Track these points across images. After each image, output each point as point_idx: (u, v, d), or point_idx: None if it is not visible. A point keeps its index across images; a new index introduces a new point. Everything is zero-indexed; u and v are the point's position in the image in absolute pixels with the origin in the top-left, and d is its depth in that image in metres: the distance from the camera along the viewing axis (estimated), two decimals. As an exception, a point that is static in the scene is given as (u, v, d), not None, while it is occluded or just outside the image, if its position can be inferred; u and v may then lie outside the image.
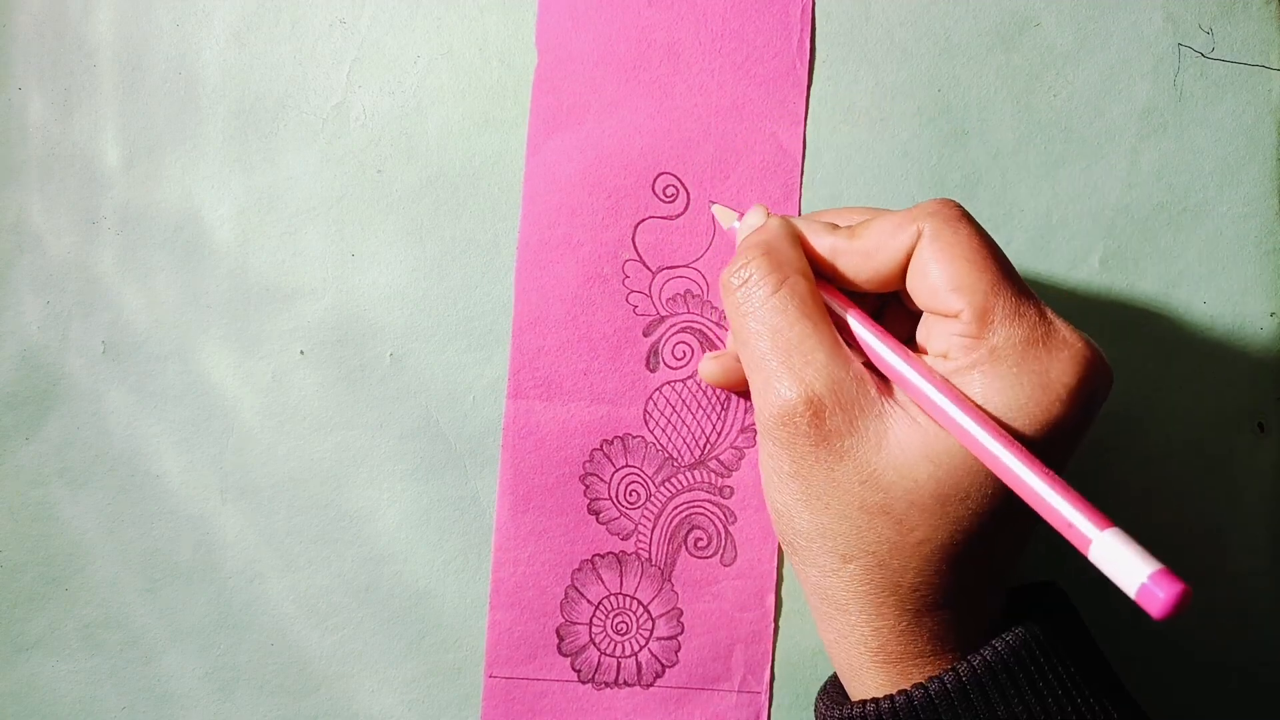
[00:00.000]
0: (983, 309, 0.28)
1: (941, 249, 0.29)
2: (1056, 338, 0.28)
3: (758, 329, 0.31)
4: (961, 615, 0.30)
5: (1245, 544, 0.39)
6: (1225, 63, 0.39)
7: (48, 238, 0.39)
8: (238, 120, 0.39)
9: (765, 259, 0.31)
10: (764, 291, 0.31)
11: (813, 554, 0.30)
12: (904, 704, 0.29)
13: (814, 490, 0.29)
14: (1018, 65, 0.39)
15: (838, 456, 0.29)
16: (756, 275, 0.31)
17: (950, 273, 0.28)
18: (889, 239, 0.30)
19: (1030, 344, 0.28)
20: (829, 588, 0.30)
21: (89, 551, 0.39)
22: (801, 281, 0.31)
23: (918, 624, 0.29)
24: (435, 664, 0.39)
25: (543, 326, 0.39)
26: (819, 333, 0.30)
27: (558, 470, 0.39)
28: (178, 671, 0.39)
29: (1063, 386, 0.27)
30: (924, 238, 0.29)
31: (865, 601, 0.29)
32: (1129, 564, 0.24)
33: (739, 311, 0.31)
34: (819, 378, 0.29)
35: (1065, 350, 0.28)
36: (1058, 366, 0.28)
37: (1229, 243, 0.39)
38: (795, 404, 0.29)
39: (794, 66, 0.39)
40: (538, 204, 0.39)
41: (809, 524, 0.30)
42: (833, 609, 0.30)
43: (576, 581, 0.39)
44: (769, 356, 0.30)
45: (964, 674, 0.28)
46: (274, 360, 0.39)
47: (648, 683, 0.39)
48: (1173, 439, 0.39)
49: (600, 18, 0.39)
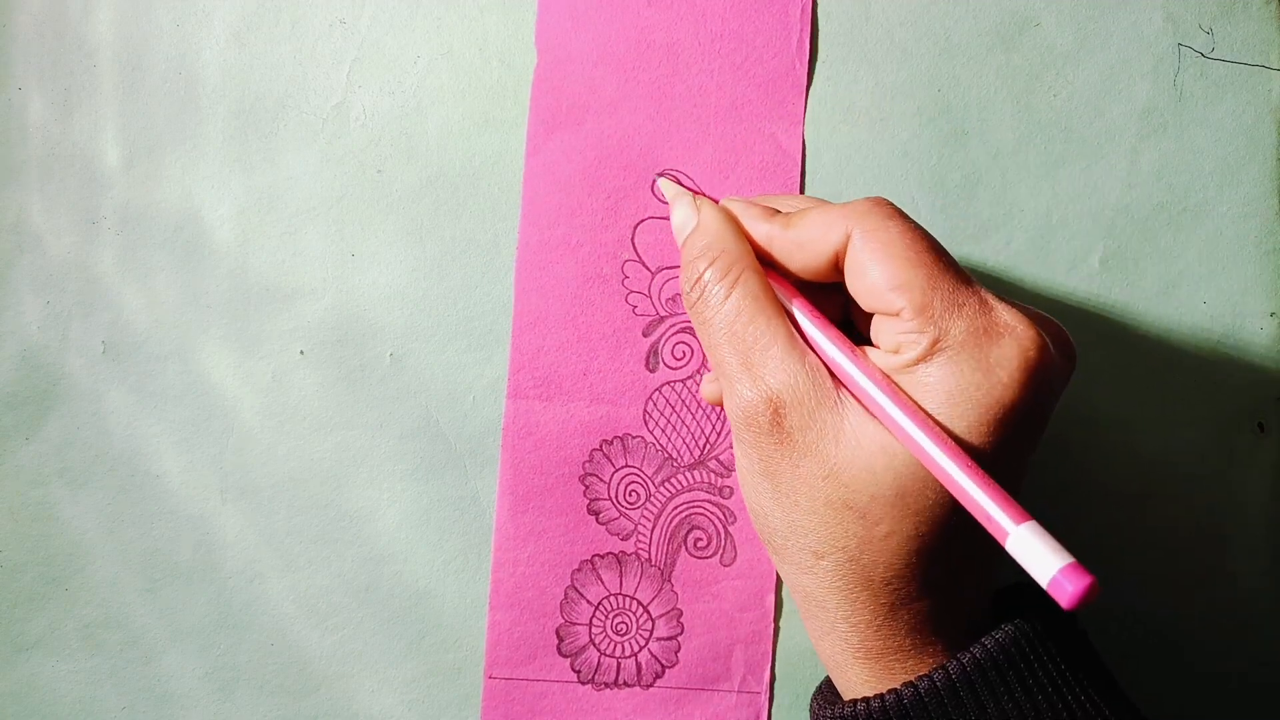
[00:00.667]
0: (921, 305, 0.28)
1: (874, 249, 0.29)
2: (998, 324, 0.28)
3: (717, 336, 0.31)
4: (940, 608, 0.30)
5: (1245, 544, 0.39)
6: (1225, 63, 0.39)
7: (48, 238, 0.39)
8: (238, 120, 0.39)
9: (715, 264, 0.32)
10: (719, 297, 0.31)
11: (789, 552, 0.30)
12: (894, 703, 0.29)
13: (783, 488, 0.30)
14: (1018, 65, 0.39)
15: (800, 453, 0.29)
16: (709, 281, 0.32)
17: (886, 272, 0.29)
18: (821, 233, 0.31)
19: (972, 333, 0.28)
20: (806, 585, 0.30)
21: (89, 551, 0.39)
22: (752, 277, 0.32)
23: (894, 618, 0.29)
24: (435, 664, 0.39)
25: (543, 326, 0.39)
26: (772, 329, 0.30)
27: (557, 470, 0.39)
28: (178, 671, 0.39)
29: (1006, 372, 0.27)
30: (854, 239, 0.30)
31: (841, 597, 0.30)
32: (1042, 557, 0.25)
33: (700, 319, 0.32)
34: (774, 375, 0.29)
35: (1007, 336, 0.28)
36: (1000, 353, 0.28)
37: (1229, 243, 0.39)
38: (755, 403, 0.30)
39: (793, 67, 0.39)
40: (538, 204, 0.39)
41: (781, 521, 0.30)
42: (813, 605, 0.31)
43: (576, 582, 0.39)
44: (729, 359, 0.31)
45: (954, 672, 0.28)
46: (274, 360, 0.39)
47: (647, 683, 0.39)
48: (1172, 439, 0.39)
49: (600, 18, 0.39)
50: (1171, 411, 0.39)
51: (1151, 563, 0.39)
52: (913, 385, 0.28)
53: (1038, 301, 0.39)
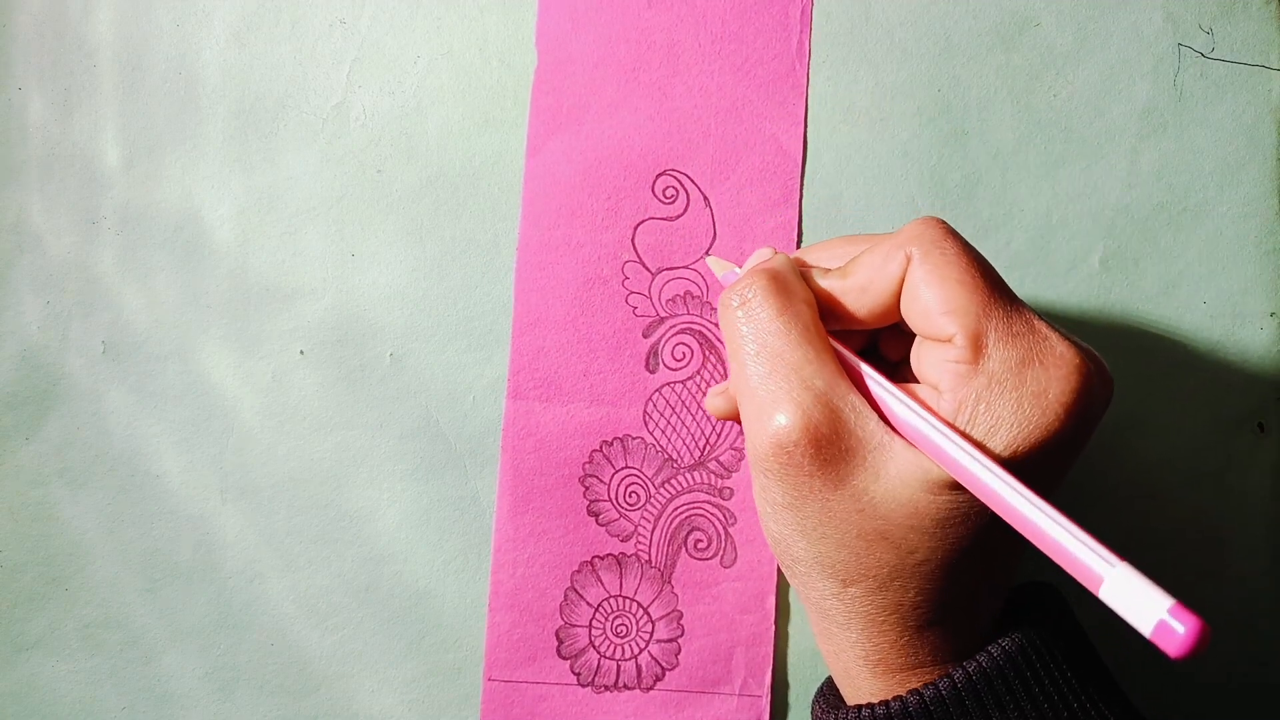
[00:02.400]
0: (976, 333, 0.28)
1: (930, 271, 0.28)
2: (1052, 354, 0.28)
3: (756, 351, 0.30)
4: (960, 625, 0.30)
5: (1245, 544, 0.39)
6: (1225, 63, 0.39)
7: (48, 238, 0.39)
8: (238, 120, 0.39)
9: (770, 282, 0.30)
10: (767, 314, 0.30)
11: (812, 579, 0.30)
12: (899, 710, 0.29)
13: (810, 521, 0.29)
14: (1018, 65, 0.39)
15: (833, 486, 0.28)
16: (759, 296, 0.30)
17: (941, 296, 0.28)
18: (880, 271, 0.30)
19: (1025, 364, 0.27)
20: (829, 609, 0.30)
21: (89, 551, 0.39)
22: (805, 309, 0.30)
23: (919, 638, 0.29)
24: (435, 664, 0.39)
25: (543, 327, 0.39)
26: (821, 359, 0.29)
27: (557, 471, 0.39)
28: (178, 671, 0.39)
29: (1060, 405, 0.27)
30: (914, 261, 0.29)
31: (866, 621, 0.29)
32: (1143, 601, 0.23)
33: (737, 332, 0.30)
34: (818, 406, 0.28)
35: (1062, 367, 0.27)
36: (1055, 386, 0.27)
37: (1229, 243, 0.39)
38: (791, 433, 0.28)
39: (793, 67, 0.39)
40: (538, 204, 0.39)
41: (806, 552, 0.29)
42: (833, 626, 0.30)
43: (576, 583, 0.39)
44: (766, 381, 0.29)
45: (959, 680, 0.28)
46: (274, 360, 0.39)
47: (648, 686, 0.39)
48: (1173, 439, 0.39)
49: (600, 18, 0.39)
50: (1171, 411, 0.39)
51: (1152, 562, 0.39)
52: (964, 414, 0.28)
53: (1038, 302, 0.39)
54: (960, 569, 0.28)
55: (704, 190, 0.39)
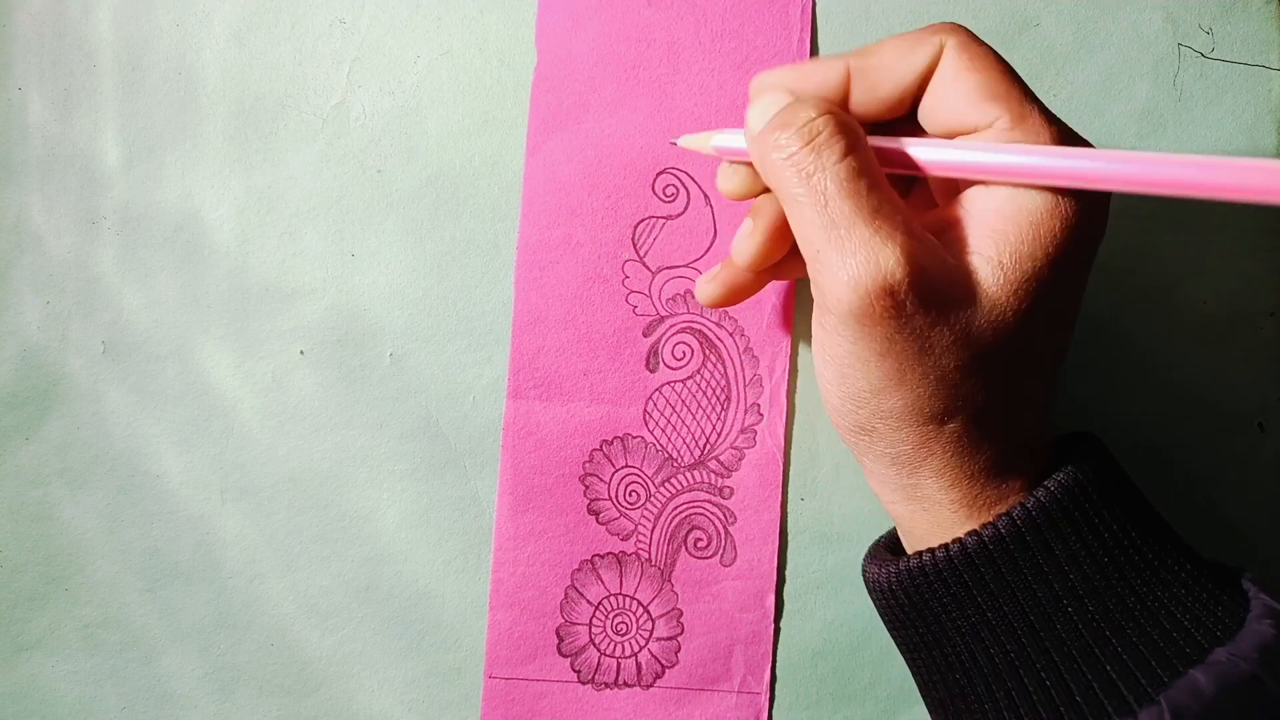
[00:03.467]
0: (1020, 114, 0.28)
1: (971, 59, 0.28)
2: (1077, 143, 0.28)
3: (835, 191, 0.27)
4: (1033, 448, 0.30)
5: (1247, 545, 0.39)
6: (1225, 63, 0.39)
7: (48, 238, 0.39)
8: (238, 120, 0.39)
9: (833, 116, 0.29)
10: (838, 150, 0.28)
11: (902, 430, 0.29)
12: (958, 551, 0.29)
13: (908, 364, 0.28)
14: (1018, 65, 0.39)
15: (935, 319, 0.27)
16: (828, 134, 0.28)
17: (984, 80, 0.28)
18: (906, 55, 0.29)
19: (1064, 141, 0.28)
20: (916, 456, 0.30)
21: (89, 551, 0.39)
22: (867, 147, 0.29)
23: (1007, 465, 0.29)
24: (435, 664, 0.39)
25: (543, 326, 0.39)
26: (894, 203, 0.28)
27: (557, 470, 0.39)
28: (178, 671, 0.39)
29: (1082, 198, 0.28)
30: (949, 50, 0.29)
31: (961, 456, 0.29)
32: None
33: (806, 174, 0.28)
34: (905, 250, 0.27)
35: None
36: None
37: (1229, 243, 0.39)
38: (895, 273, 0.27)
39: (794, 66, 0.39)
40: (538, 204, 0.39)
41: (901, 401, 0.29)
42: (918, 477, 0.30)
43: (576, 582, 0.39)
44: (855, 224, 0.27)
45: (1019, 517, 0.28)
46: (274, 360, 0.39)
47: (647, 683, 0.39)
48: (1173, 439, 0.39)
49: (600, 17, 0.39)
50: (1172, 411, 0.39)
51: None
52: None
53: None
54: (1027, 386, 0.29)
55: (705, 189, 0.39)
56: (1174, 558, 0.29)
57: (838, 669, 0.39)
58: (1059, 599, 0.28)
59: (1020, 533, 0.28)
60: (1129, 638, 0.28)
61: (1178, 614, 0.28)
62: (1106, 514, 0.29)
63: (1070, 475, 0.29)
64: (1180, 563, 0.29)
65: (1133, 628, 0.28)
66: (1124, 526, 0.29)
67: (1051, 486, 0.29)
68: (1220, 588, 0.29)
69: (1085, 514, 0.29)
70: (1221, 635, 0.27)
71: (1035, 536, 0.28)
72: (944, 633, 0.30)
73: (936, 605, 0.30)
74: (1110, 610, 0.28)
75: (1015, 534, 0.28)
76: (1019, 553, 0.28)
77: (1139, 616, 0.28)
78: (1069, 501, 0.29)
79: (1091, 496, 0.29)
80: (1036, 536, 0.28)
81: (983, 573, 0.29)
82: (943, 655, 0.30)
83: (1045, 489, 0.29)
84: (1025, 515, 0.28)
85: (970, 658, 0.30)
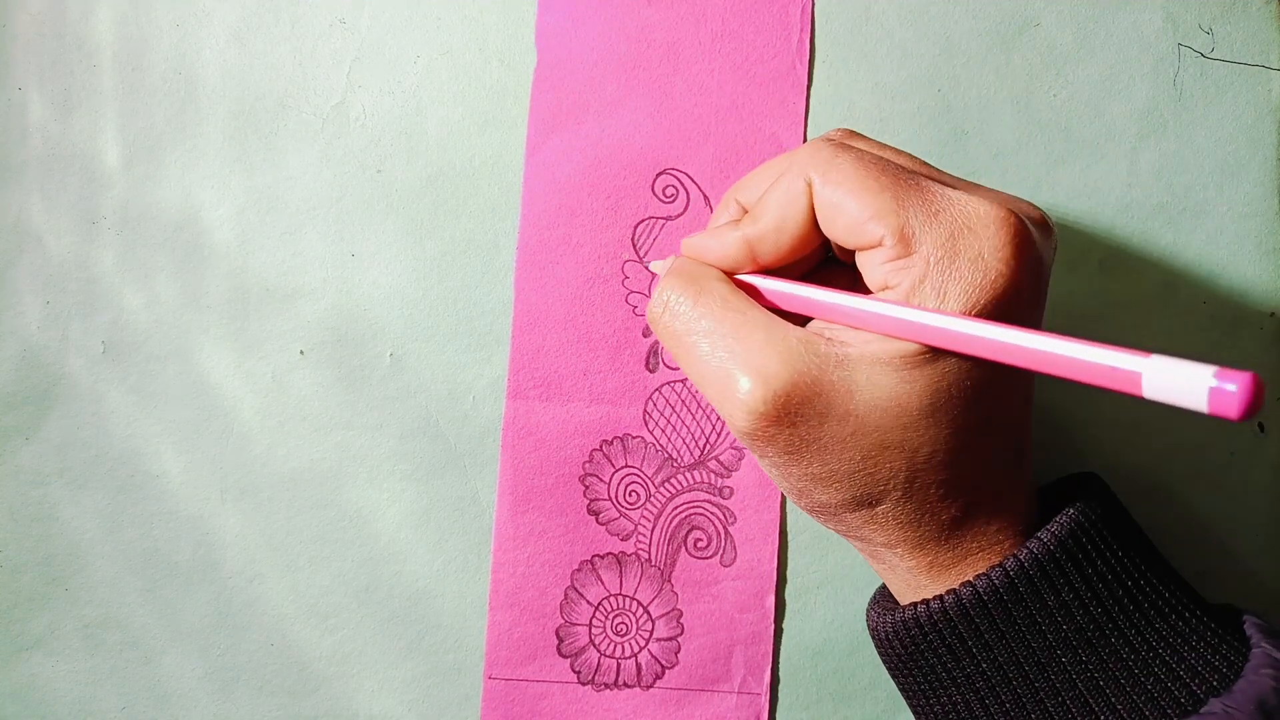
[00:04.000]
0: (898, 228, 0.28)
1: (834, 190, 0.29)
2: (976, 217, 0.28)
3: (693, 341, 0.30)
4: (998, 507, 0.30)
5: (1246, 544, 0.39)
6: (1225, 63, 0.39)
7: (48, 238, 0.39)
8: (238, 120, 0.39)
9: (676, 279, 0.32)
10: (687, 305, 0.31)
11: (844, 516, 0.30)
12: (953, 603, 0.29)
13: (815, 462, 0.29)
14: (1018, 65, 0.39)
15: (819, 422, 0.28)
16: (673, 294, 0.31)
17: (855, 205, 0.29)
18: (788, 206, 0.30)
19: (956, 236, 0.28)
20: (869, 535, 0.31)
21: (89, 551, 0.39)
22: (717, 283, 0.31)
23: (960, 530, 0.30)
24: (435, 664, 0.39)
25: (543, 327, 0.39)
26: (750, 315, 0.30)
27: (557, 470, 0.39)
28: (178, 671, 0.39)
29: (998, 259, 0.27)
30: (816, 186, 0.29)
31: (906, 532, 0.30)
32: (1188, 379, 0.22)
33: (672, 334, 0.31)
34: (769, 360, 0.29)
35: (989, 225, 0.28)
36: (988, 244, 0.28)
37: (1229, 243, 0.39)
38: (758, 395, 0.29)
39: (794, 66, 0.39)
40: (538, 204, 0.39)
41: (825, 494, 0.30)
42: (879, 549, 0.31)
43: (576, 582, 0.39)
44: (712, 359, 0.30)
45: (1011, 568, 0.29)
46: (274, 360, 0.39)
47: (647, 684, 0.39)
48: (1173, 439, 0.39)
49: (600, 17, 0.39)
50: (1171, 411, 0.39)
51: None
52: (914, 300, 0.28)
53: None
54: (968, 449, 0.29)
55: (704, 189, 0.39)
56: (1173, 606, 0.29)
57: (838, 669, 0.39)
58: (1052, 650, 0.29)
59: (1013, 584, 0.29)
60: (1124, 689, 0.28)
61: (1174, 664, 0.28)
62: (1101, 565, 0.29)
63: (1064, 526, 0.29)
64: (1179, 611, 0.29)
65: (1127, 679, 0.28)
66: (1119, 577, 0.29)
67: (1044, 538, 0.29)
68: (1221, 635, 0.29)
69: (1079, 565, 0.29)
70: (1219, 685, 0.27)
71: (1028, 588, 0.29)
72: (940, 683, 0.30)
73: (932, 656, 0.30)
74: (1105, 661, 0.28)
75: (1008, 585, 0.29)
76: (1012, 604, 0.29)
77: (1134, 668, 0.28)
78: (1060, 553, 0.29)
79: (1085, 548, 0.29)
80: (1029, 588, 0.29)
81: (977, 624, 0.29)
82: (940, 704, 0.31)
83: (1039, 540, 0.29)
84: (1018, 567, 0.29)
85: (966, 708, 0.30)
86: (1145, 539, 0.31)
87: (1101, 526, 0.29)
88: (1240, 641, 0.29)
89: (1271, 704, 0.26)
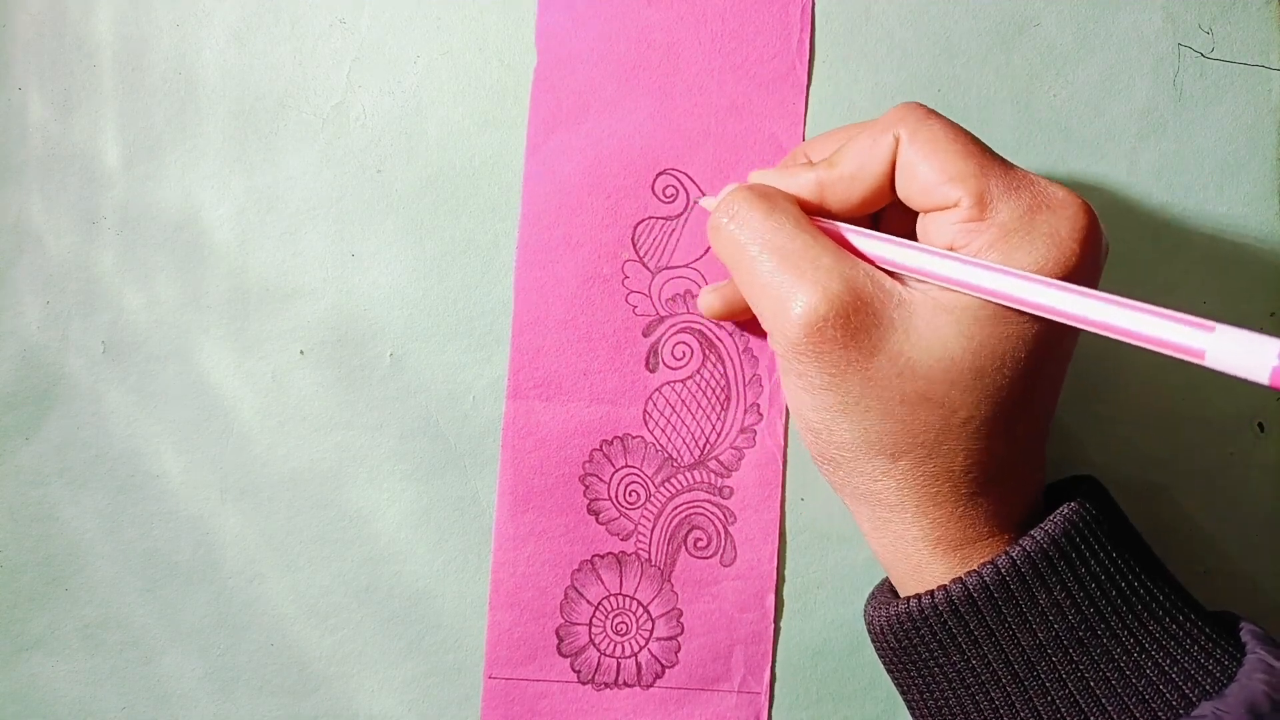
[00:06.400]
0: (979, 192, 0.29)
1: (922, 146, 0.29)
2: (1056, 199, 0.29)
3: (758, 252, 0.31)
4: (1011, 490, 0.30)
5: (1246, 545, 0.39)
6: (1225, 63, 0.39)
7: (48, 238, 0.39)
8: (238, 120, 0.39)
9: (749, 192, 0.32)
10: (758, 216, 0.31)
11: (859, 463, 0.30)
12: (959, 593, 0.29)
13: (851, 396, 0.29)
14: (1018, 65, 0.39)
15: (869, 353, 0.29)
16: (745, 206, 0.31)
17: (938, 166, 0.29)
18: (868, 156, 0.31)
19: (1034, 210, 0.28)
20: (879, 491, 0.30)
21: (89, 551, 0.39)
22: (791, 206, 0.31)
23: (974, 506, 0.30)
24: (435, 664, 0.39)
25: (543, 326, 0.39)
26: (820, 242, 0.30)
27: (557, 470, 0.39)
28: (178, 671, 0.39)
29: (1074, 240, 0.28)
30: (903, 145, 0.30)
31: (920, 495, 0.30)
32: (1255, 349, 0.22)
33: (734, 242, 0.31)
34: (835, 279, 0.29)
35: (1068, 208, 0.29)
36: (1065, 224, 0.28)
37: (1229, 243, 0.39)
38: (818, 308, 0.29)
39: (793, 67, 0.39)
40: (538, 204, 0.39)
41: (850, 433, 0.30)
42: (886, 512, 0.31)
43: (576, 582, 0.39)
44: (777, 273, 0.30)
45: (1003, 566, 0.29)
46: (274, 360, 0.39)
47: (647, 683, 0.39)
48: (1173, 439, 0.39)
49: (600, 17, 0.39)
50: (1171, 411, 0.39)
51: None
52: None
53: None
54: (1004, 427, 0.29)
55: (704, 189, 0.39)
56: (1165, 608, 0.29)
57: (838, 669, 0.39)
58: (1043, 648, 0.29)
59: (1004, 581, 0.29)
60: (1114, 689, 0.28)
61: (1165, 666, 0.28)
62: (1094, 565, 0.29)
63: (1059, 525, 0.29)
64: (1172, 613, 0.29)
65: (1118, 679, 0.28)
66: (1112, 578, 0.29)
67: (1038, 536, 0.29)
68: (1215, 639, 0.29)
69: (1072, 564, 0.29)
70: (1211, 688, 0.27)
71: (1019, 585, 0.29)
72: (933, 678, 0.30)
73: (925, 651, 0.30)
74: (1096, 661, 0.28)
75: (999, 582, 0.29)
76: (1002, 601, 0.29)
77: (1125, 668, 0.28)
78: (1053, 551, 0.29)
79: (1079, 547, 0.29)
80: (1020, 585, 0.29)
81: (968, 621, 0.29)
82: (933, 700, 0.31)
83: (1031, 538, 0.29)
84: (1010, 564, 0.29)
85: (958, 703, 0.30)
86: (1140, 541, 0.31)
87: (1095, 526, 0.29)
88: (1235, 647, 0.29)
89: (1263, 708, 0.26)
